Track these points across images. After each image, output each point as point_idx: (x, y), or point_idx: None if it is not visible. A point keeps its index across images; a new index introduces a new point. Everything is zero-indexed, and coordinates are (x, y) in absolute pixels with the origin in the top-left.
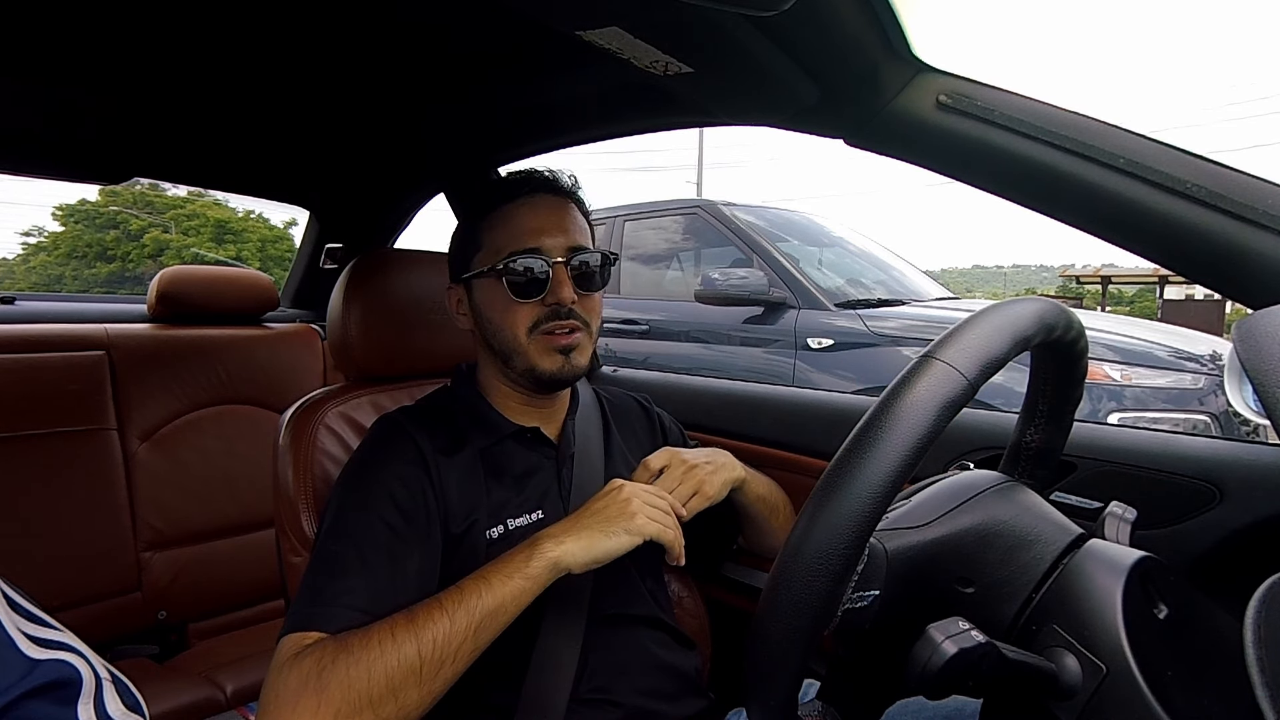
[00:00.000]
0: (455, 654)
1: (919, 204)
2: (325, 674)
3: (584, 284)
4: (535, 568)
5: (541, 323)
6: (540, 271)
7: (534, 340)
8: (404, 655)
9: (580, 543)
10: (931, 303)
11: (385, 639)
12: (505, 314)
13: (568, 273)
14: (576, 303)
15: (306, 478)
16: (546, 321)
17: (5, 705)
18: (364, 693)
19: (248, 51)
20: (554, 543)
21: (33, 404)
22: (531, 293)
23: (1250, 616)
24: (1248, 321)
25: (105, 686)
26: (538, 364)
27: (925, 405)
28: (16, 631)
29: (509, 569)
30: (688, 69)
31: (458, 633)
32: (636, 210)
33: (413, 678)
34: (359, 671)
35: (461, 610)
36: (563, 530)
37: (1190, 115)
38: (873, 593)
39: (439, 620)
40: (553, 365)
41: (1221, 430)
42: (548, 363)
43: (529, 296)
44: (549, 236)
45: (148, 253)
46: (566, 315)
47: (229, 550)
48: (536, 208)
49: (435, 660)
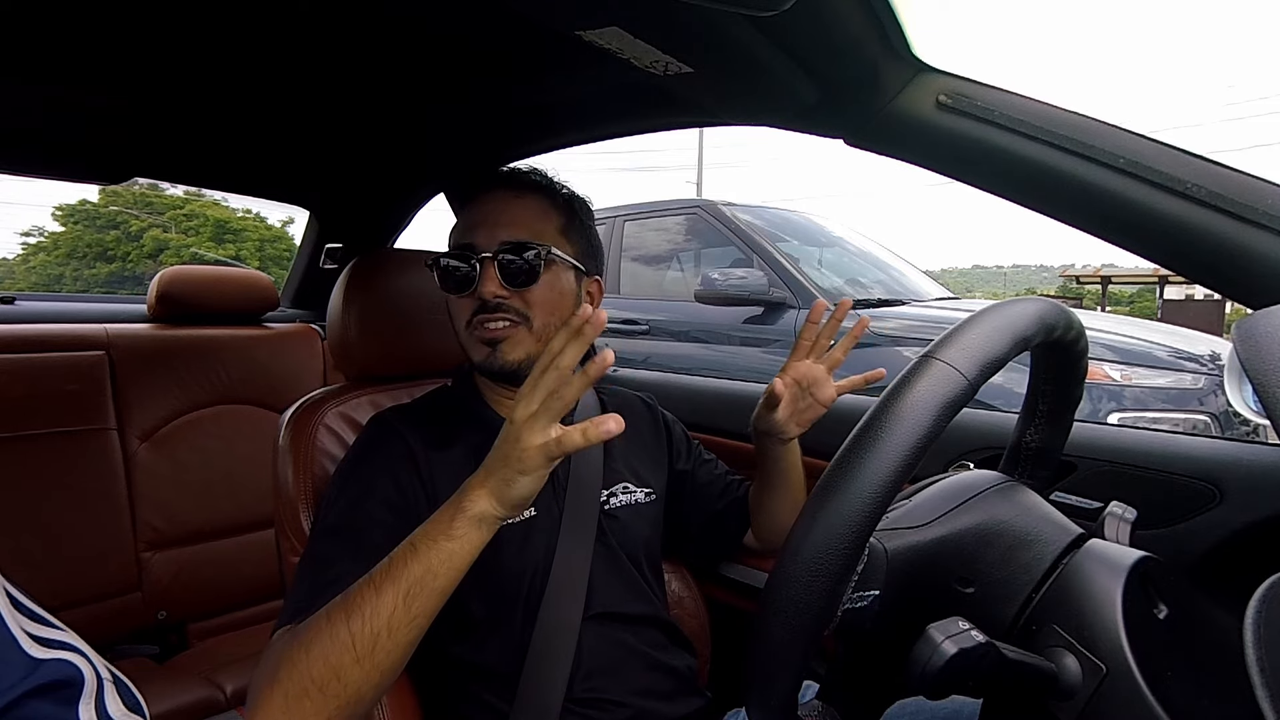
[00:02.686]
0: (388, 628)
1: (919, 204)
2: (278, 659)
3: (514, 278)
4: (459, 527)
5: (475, 315)
6: (464, 267)
7: (469, 332)
8: (336, 635)
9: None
10: (931, 303)
11: (322, 621)
12: (450, 307)
13: (494, 268)
14: (507, 297)
15: (306, 478)
16: (477, 314)
17: (7, 704)
18: (306, 675)
19: (248, 51)
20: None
21: (33, 404)
22: (460, 288)
23: (1250, 616)
24: (1248, 321)
25: (106, 687)
26: (470, 354)
27: (925, 405)
28: (20, 630)
29: (434, 531)
30: (688, 69)
31: (385, 605)
32: (636, 210)
33: (349, 656)
34: (300, 655)
35: (388, 582)
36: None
37: (1190, 115)
38: (873, 593)
39: (367, 596)
40: (480, 355)
41: (1221, 430)
42: (476, 353)
43: (460, 291)
44: (483, 232)
45: (147, 252)
46: (494, 309)
47: (229, 550)
48: (483, 204)
49: (368, 636)
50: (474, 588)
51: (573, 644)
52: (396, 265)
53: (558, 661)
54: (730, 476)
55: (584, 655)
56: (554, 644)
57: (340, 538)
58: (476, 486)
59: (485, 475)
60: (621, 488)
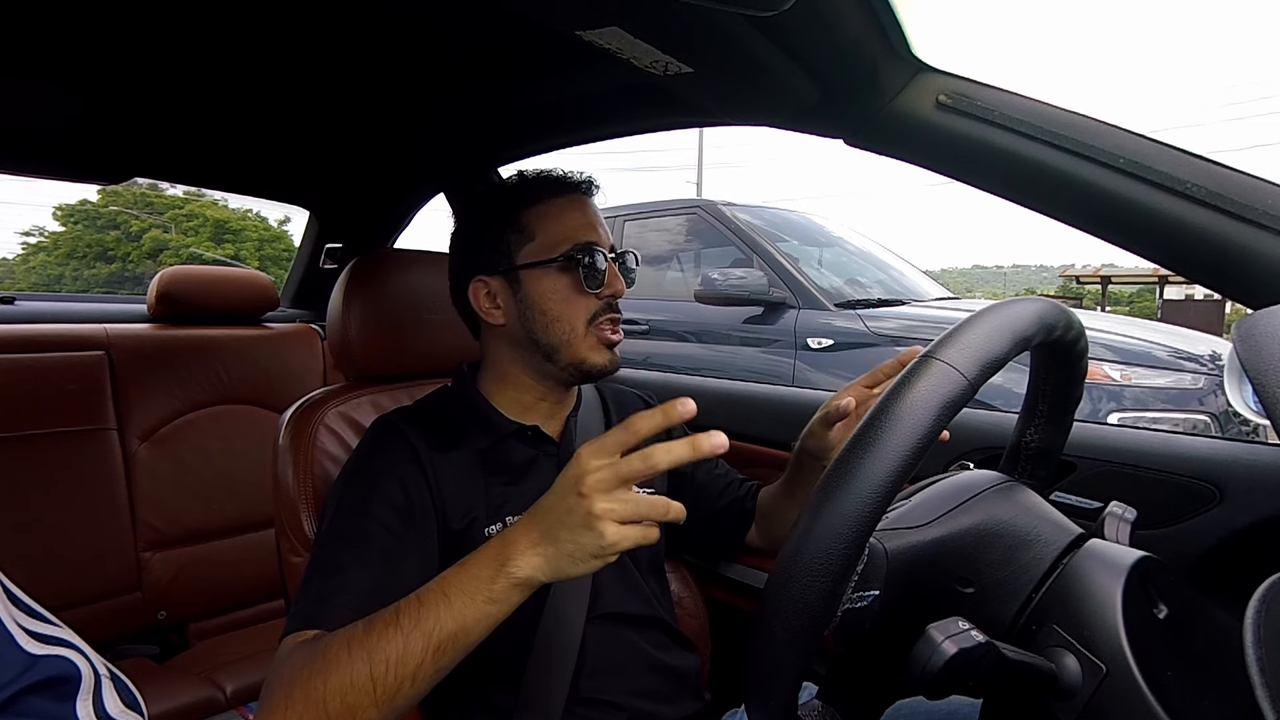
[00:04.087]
0: (413, 678)
1: (919, 204)
2: (292, 678)
3: (627, 280)
4: (500, 589)
5: (598, 315)
6: (603, 265)
7: (589, 333)
8: (357, 675)
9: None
10: (931, 303)
11: (342, 653)
12: (566, 305)
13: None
14: None
15: (306, 478)
16: (603, 314)
17: (5, 701)
18: (321, 707)
19: (248, 51)
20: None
21: (33, 404)
22: (595, 284)
23: (1250, 616)
24: (1248, 321)
25: (104, 684)
26: (588, 357)
27: (925, 405)
28: (16, 627)
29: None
30: (688, 69)
31: (412, 655)
32: (636, 210)
33: (367, 698)
34: (318, 683)
35: (418, 632)
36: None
37: (1190, 115)
38: (873, 593)
39: (393, 639)
40: (603, 359)
41: (1221, 430)
42: (598, 356)
43: (594, 288)
44: (600, 233)
45: (146, 252)
46: (616, 309)
47: (229, 550)
48: (583, 206)
49: (391, 684)
50: None
51: (577, 644)
52: (396, 265)
53: (562, 662)
54: (730, 475)
55: (588, 656)
56: (558, 644)
57: (346, 542)
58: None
59: (540, 534)
60: None
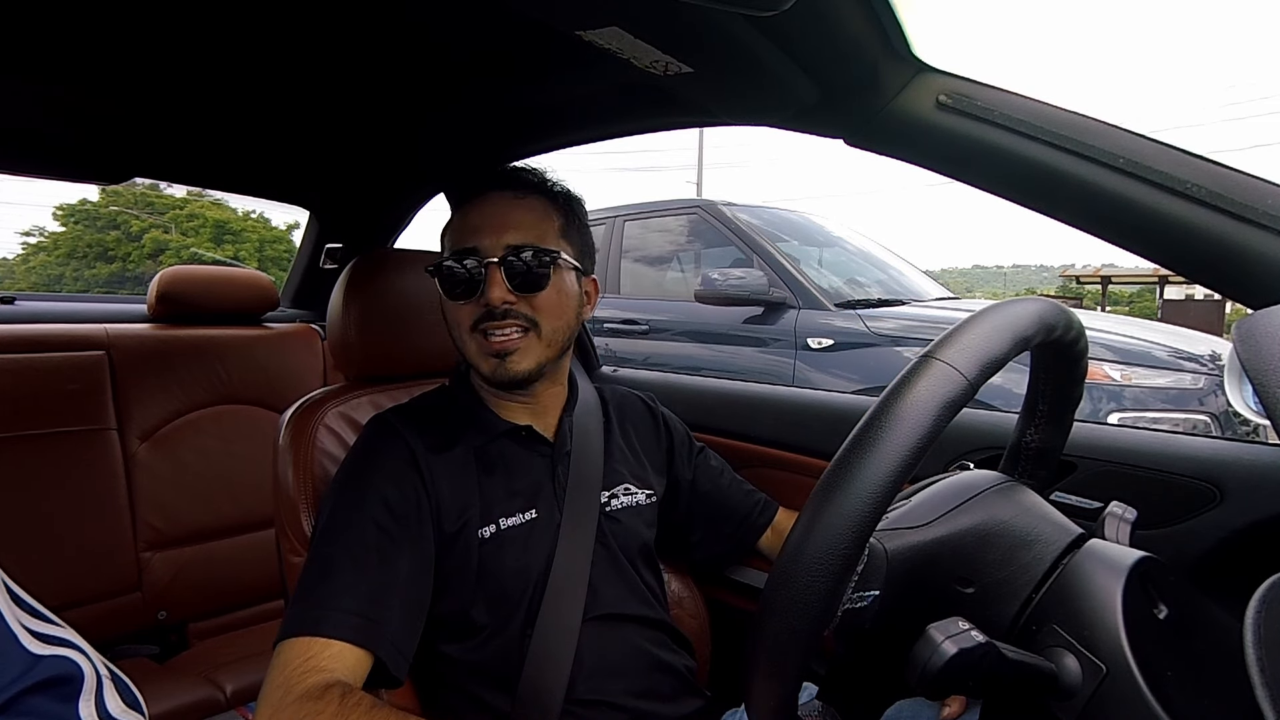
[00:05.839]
0: None
1: (919, 204)
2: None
3: (523, 284)
4: None
5: (480, 322)
6: (469, 271)
7: (473, 339)
8: None
9: None
10: (931, 303)
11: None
12: (450, 314)
13: (501, 273)
14: (514, 303)
15: (306, 478)
16: (483, 322)
17: (7, 700)
18: None
19: (248, 51)
20: None
21: (33, 404)
22: (465, 293)
23: (1250, 616)
24: (1248, 321)
25: (105, 684)
26: (477, 365)
27: (925, 405)
28: (19, 626)
29: None
30: (688, 69)
31: None
32: (636, 210)
33: None
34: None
35: None
36: None
37: (1190, 115)
38: (873, 593)
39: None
40: (487, 367)
41: (1221, 430)
42: (483, 364)
43: (464, 297)
44: (487, 235)
45: (147, 253)
46: (501, 316)
47: (229, 550)
48: (484, 206)
49: None
50: (478, 591)
51: (573, 645)
52: (396, 265)
53: (558, 663)
54: (740, 489)
55: (585, 656)
56: (555, 645)
57: (342, 543)
58: None
59: None
60: (623, 489)
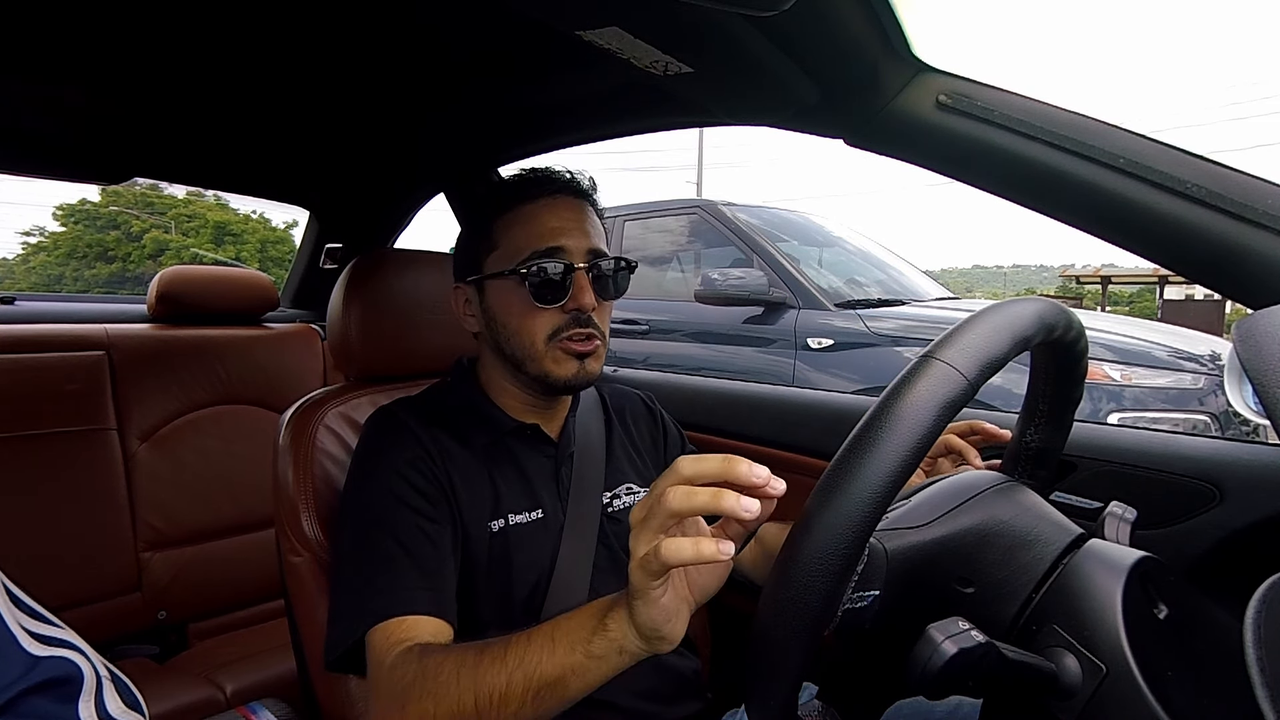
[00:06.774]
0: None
1: (919, 204)
2: (409, 695)
3: (602, 291)
4: (598, 646)
5: (561, 330)
6: (562, 275)
7: (551, 348)
8: (463, 703)
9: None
10: (931, 303)
11: (451, 679)
12: (523, 319)
13: (588, 278)
14: (596, 310)
15: (307, 478)
16: (567, 329)
17: (7, 701)
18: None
19: (248, 51)
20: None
21: (33, 404)
22: (553, 298)
23: (1250, 616)
24: (1248, 321)
25: (105, 685)
26: (552, 370)
27: (925, 405)
28: (18, 627)
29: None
30: (688, 69)
31: (514, 694)
32: (637, 210)
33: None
34: (429, 704)
35: (521, 672)
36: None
37: (1190, 115)
38: (873, 593)
39: (498, 674)
40: (567, 372)
41: (1221, 430)
42: (562, 369)
43: (550, 302)
44: (571, 239)
45: (147, 253)
46: (586, 323)
47: (229, 550)
48: (557, 208)
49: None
50: (485, 589)
51: None
52: (396, 265)
53: None
54: None
55: None
56: None
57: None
58: (620, 605)
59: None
60: (625, 489)
